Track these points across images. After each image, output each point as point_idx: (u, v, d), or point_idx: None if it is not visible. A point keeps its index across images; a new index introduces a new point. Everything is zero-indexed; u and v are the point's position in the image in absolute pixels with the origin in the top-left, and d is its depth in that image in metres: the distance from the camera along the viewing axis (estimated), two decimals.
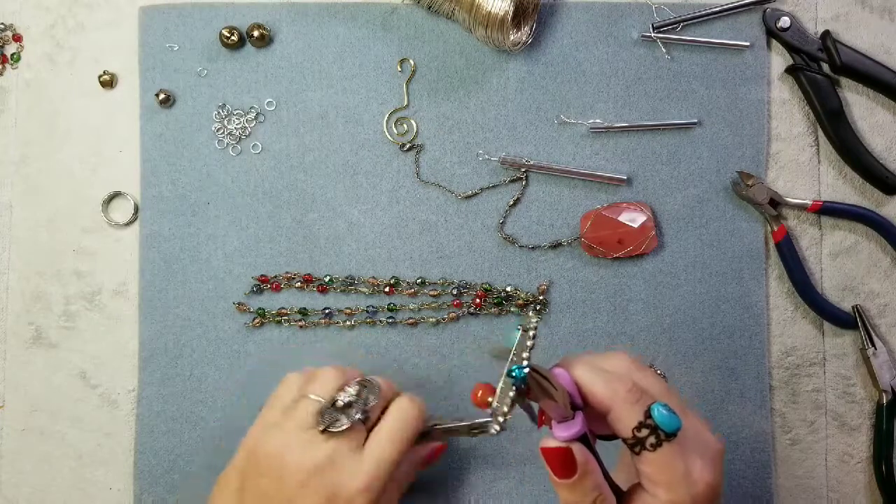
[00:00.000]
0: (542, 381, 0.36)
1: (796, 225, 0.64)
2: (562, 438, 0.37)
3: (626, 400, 0.37)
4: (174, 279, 0.63)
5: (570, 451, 0.36)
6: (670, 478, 0.36)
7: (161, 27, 0.64)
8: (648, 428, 0.36)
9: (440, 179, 0.64)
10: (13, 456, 0.64)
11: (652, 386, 0.39)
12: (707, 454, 0.38)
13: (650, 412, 0.36)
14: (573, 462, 0.36)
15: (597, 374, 0.38)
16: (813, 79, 0.62)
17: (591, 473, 0.37)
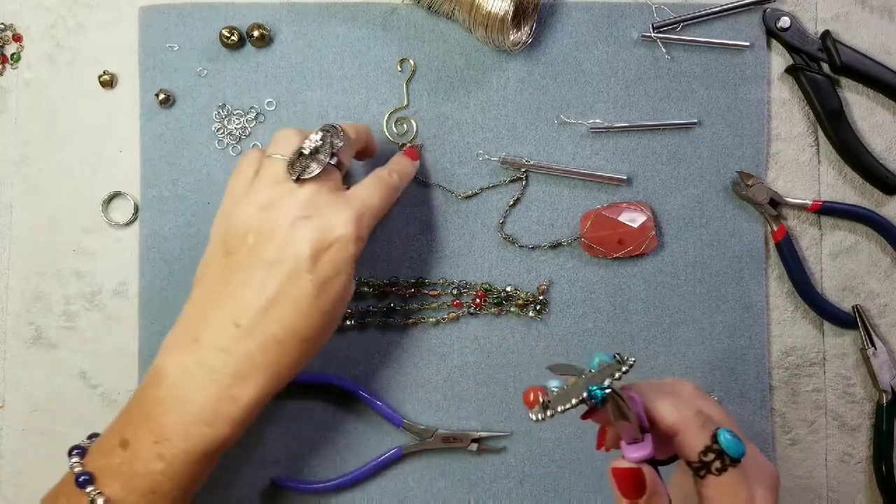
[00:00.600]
0: (620, 403, 0.36)
1: (796, 225, 0.64)
2: (633, 459, 0.37)
3: (693, 424, 0.37)
4: (174, 279, 0.63)
5: (642, 472, 0.37)
6: (733, 503, 0.36)
7: (161, 27, 0.64)
8: (715, 453, 0.36)
9: (440, 179, 0.64)
10: (13, 456, 0.64)
11: (714, 412, 0.40)
12: (766, 482, 0.38)
13: (716, 437, 0.37)
14: (643, 482, 0.37)
15: (665, 398, 0.39)
16: (813, 79, 0.62)
17: (659, 495, 0.37)
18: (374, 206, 0.52)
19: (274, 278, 0.48)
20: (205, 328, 0.48)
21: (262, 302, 0.47)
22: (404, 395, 0.63)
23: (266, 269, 0.48)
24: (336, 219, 0.49)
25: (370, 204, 0.52)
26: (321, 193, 0.49)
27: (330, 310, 0.49)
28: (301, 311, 0.48)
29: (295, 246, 0.48)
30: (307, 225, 0.48)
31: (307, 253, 0.48)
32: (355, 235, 0.49)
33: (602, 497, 0.62)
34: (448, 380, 0.63)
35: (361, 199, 0.51)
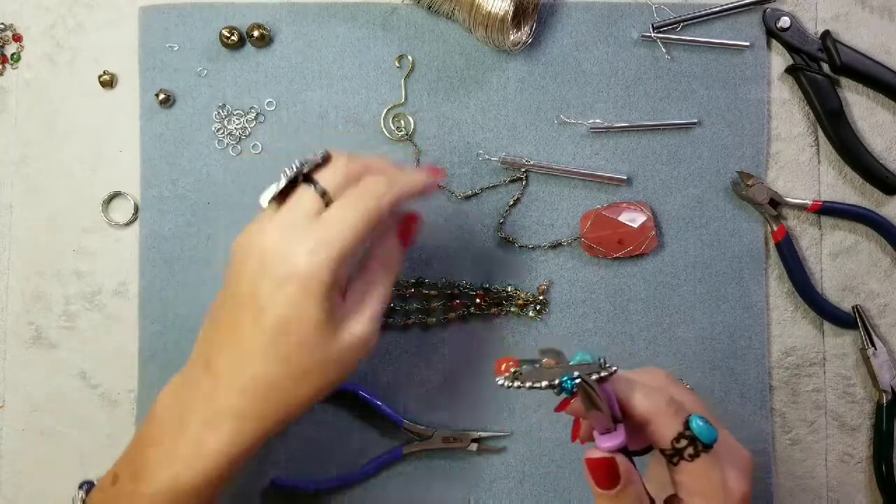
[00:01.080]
0: (590, 393, 0.36)
1: (796, 225, 0.64)
2: (606, 449, 0.37)
3: (665, 412, 0.38)
4: (174, 279, 0.63)
5: (615, 462, 0.37)
6: (708, 488, 0.37)
7: (161, 27, 0.64)
8: (687, 439, 0.37)
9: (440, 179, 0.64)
10: (13, 456, 0.64)
11: (686, 399, 0.40)
12: (739, 465, 0.39)
13: (688, 423, 0.37)
14: (617, 472, 0.37)
15: (636, 387, 0.39)
16: (813, 79, 0.62)
17: (634, 483, 0.37)
18: (345, 233, 0.42)
19: (230, 315, 0.43)
20: (189, 366, 0.46)
21: (220, 342, 0.44)
22: (404, 395, 0.63)
23: (226, 306, 0.44)
24: (295, 249, 0.41)
25: (341, 230, 0.42)
26: (288, 219, 0.43)
27: (291, 358, 0.42)
28: (254, 355, 0.42)
29: (247, 280, 0.42)
30: (264, 256, 0.42)
31: (259, 289, 0.42)
32: (315, 270, 0.41)
33: None
34: (448, 380, 0.63)
35: (331, 225, 0.42)
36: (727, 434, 0.40)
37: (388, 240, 0.48)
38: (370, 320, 0.44)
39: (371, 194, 0.43)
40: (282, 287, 0.41)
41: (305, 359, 0.42)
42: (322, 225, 0.42)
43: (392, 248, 0.48)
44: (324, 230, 0.42)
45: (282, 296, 0.41)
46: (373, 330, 0.45)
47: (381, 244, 0.47)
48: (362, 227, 0.42)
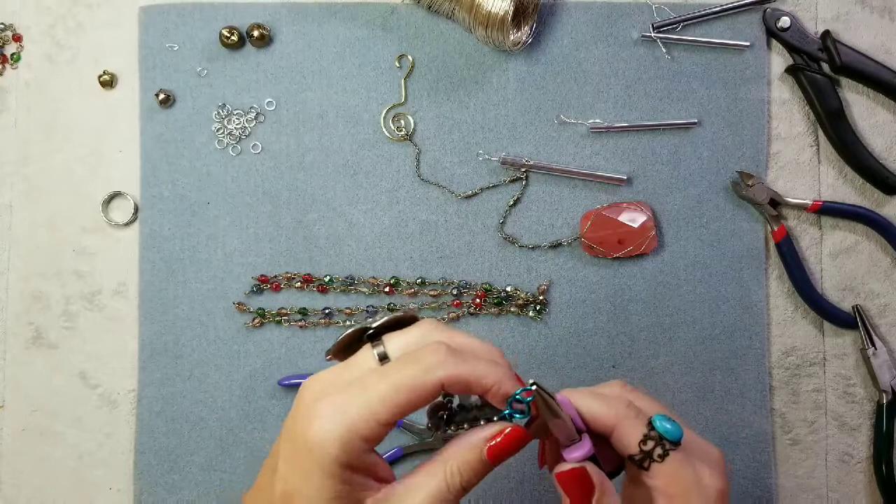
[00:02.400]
0: (547, 399, 0.36)
1: (796, 225, 0.64)
2: (574, 459, 0.37)
3: (626, 416, 0.37)
4: (174, 279, 0.63)
5: (586, 470, 0.37)
6: (684, 487, 0.36)
7: (161, 27, 0.64)
8: (654, 439, 0.36)
9: (440, 179, 0.64)
10: (13, 456, 0.64)
11: (646, 404, 0.40)
12: (711, 461, 0.38)
13: (652, 424, 0.37)
14: (590, 481, 0.36)
15: (595, 398, 0.38)
16: (813, 79, 0.62)
17: (609, 493, 0.37)
18: (371, 402, 0.34)
19: (272, 458, 0.38)
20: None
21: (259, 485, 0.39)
22: None
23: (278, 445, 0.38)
24: (320, 410, 0.35)
25: (368, 399, 0.35)
26: (337, 375, 0.37)
27: None
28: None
29: (285, 430, 0.37)
30: (298, 408, 0.36)
31: (282, 443, 0.37)
32: (323, 439, 0.34)
33: None
34: None
35: (361, 391, 0.35)
36: (694, 434, 0.39)
37: (465, 443, 0.37)
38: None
39: (420, 364, 0.35)
40: (293, 451, 0.35)
41: None
42: (354, 389, 0.35)
43: (469, 453, 0.37)
44: (351, 395, 0.35)
45: (290, 461, 0.35)
46: None
47: (458, 444, 0.37)
48: (393, 399, 0.34)
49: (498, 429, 0.36)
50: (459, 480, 0.36)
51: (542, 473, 0.62)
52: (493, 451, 0.36)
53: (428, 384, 0.34)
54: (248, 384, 0.63)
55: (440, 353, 0.35)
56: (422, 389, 0.34)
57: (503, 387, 0.36)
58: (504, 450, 0.36)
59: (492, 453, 0.36)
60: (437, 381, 0.34)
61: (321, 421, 0.34)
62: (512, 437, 0.36)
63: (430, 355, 0.35)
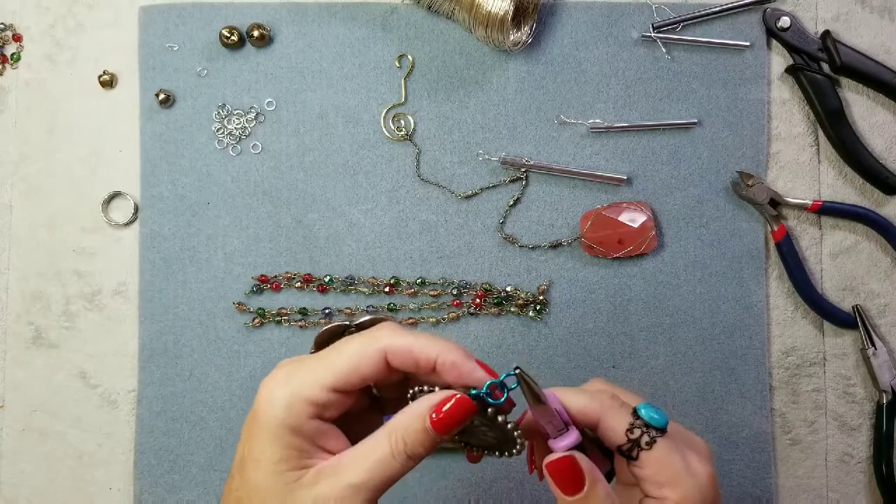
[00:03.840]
0: (532, 385, 0.36)
1: (796, 225, 0.64)
2: (562, 448, 0.37)
3: (611, 406, 0.38)
4: (174, 279, 0.63)
5: (574, 458, 0.36)
6: (673, 473, 0.36)
7: (161, 27, 0.64)
8: (640, 427, 0.37)
9: (440, 179, 0.64)
10: (13, 456, 0.64)
11: (629, 398, 0.40)
12: (697, 449, 0.38)
13: (637, 412, 0.37)
14: (579, 471, 0.36)
15: (579, 392, 0.39)
16: (813, 79, 0.62)
17: (600, 481, 0.36)
18: (318, 371, 0.36)
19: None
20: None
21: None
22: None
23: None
24: (273, 381, 0.37)
25: (315, 368, 0.36)
26: (305, 358, 0.38)
27: (243, 498, 0.37)
28: (227, 484, 0.39)
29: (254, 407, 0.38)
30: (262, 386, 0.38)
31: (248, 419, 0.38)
32: (272, 403, 0.36)
33: None
34: None
35: (313, 361, 0.37)
36: (679, 426, 0.40)
37: (410, 411, 0.37)
38: (347, 489, 0.35)
39: (366, 336, 0.37)
40: (248, 419, 0.37)
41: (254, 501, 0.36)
42: (306, 362, 0.37)
43: (414, 422, 0.36)
44: (301, 366, 0.37)
45: (245, 428, 0.37)
46: (342, 499, 0.35)
47: (405, 413, 0.37)
48: (337, 365, 0.36)
49: (442, 397, 0.36)
50: (404, 449, 0.35)
51: None
52: (438, 423, 0.35)
53: (370, 351, 0.36)
54: (248, 384, 0.63)
55: (386, 326, 0.37)
56: (364, 356, 0.36)
57: (448, 357, 0.36)
58: (449, 419, 0.35)
59: (435, 422, 0.35)
60: (380, 348, 0.36)
61: (270, 386, 0.36)
62: (456, 406, 0.36)
63: (376, 329, 0.37)
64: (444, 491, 0.62)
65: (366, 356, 0.36)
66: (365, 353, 0.36)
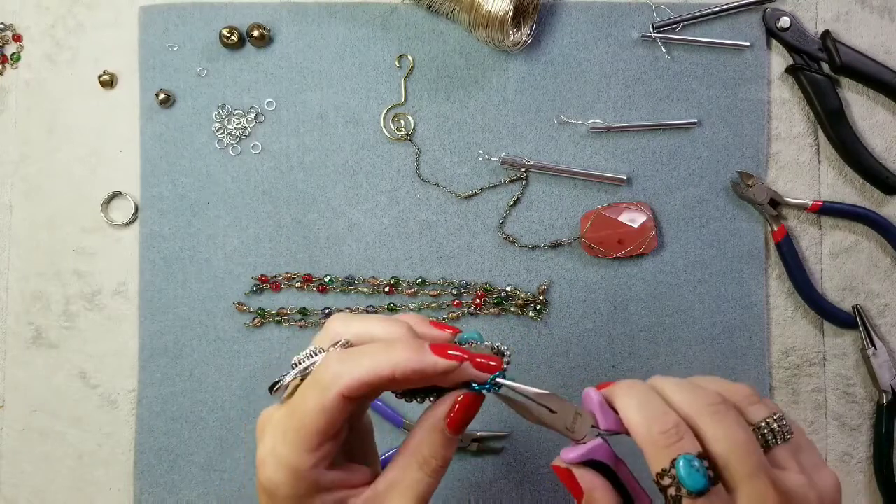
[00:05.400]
0: (513, 401, 0.35)
1: (796, 225, 0.64)
2: (565, 460, 0.36)
3: (656, 442, 0.33)
4: (174, 279, 0.63)
5: (571, 475, 0.35)
6: None
7: (161, 27, 0.64)
8: (671, 478, 0.32)
9: (440, 179, 0.64)
10: (13, 456, 0.64)
11: (717, 431, 0.33)
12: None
13: (675, 461, 0.32)
14: (577, 485, 0.35)
15: (638, 405, 0.34)
16: (813, 79, 0.62)
17: (598, 501, 0.35)
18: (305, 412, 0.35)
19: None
20: None
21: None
22: None
23: None
24: (261, 447, 0.36)
25: (300, 410, 0.35)
26: (268, 419, 0.38)
27: None
28: None
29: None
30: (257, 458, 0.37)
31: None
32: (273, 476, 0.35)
33: None
34: None
35: (289, 413, 0.36)
36: (766, 490, 0.32)
37: (425, 427, 0.37)
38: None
39: (317, 387, 0.35)
40: (261, 495, 0.37)
41: None
42: (279, 429, 0.35)
43: (434, 436, 0.36)
44: (277, 436, 0.35)
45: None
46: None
47: (419, 429, 0.37)
48: (308, 428, 0.34)
49: (451, 402, 0.36)
50: (435, 465, 0.36)
51: (542, 474, 0.62)
52: (453, 424, 0.36)
53: (330, 402, 0.34)
54: (248, 384, 0.63)
55: (330, 366, 0.34)
56: (327, 411, 0.34)
57: (404, 368, 0.34)
58: (462, 418, 0.36)
59: (452, 426, 0.36)
60: (337, 396, 0.34)
61: (266, 469, 0.35)
62: (465, 405, 0.36)
63: (322, 373, 0.35)
64: (444, 491, 0.62)
65: (327, 408, 0.34)
66: (325, 406, 0.34)
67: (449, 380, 0.36)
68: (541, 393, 0.36)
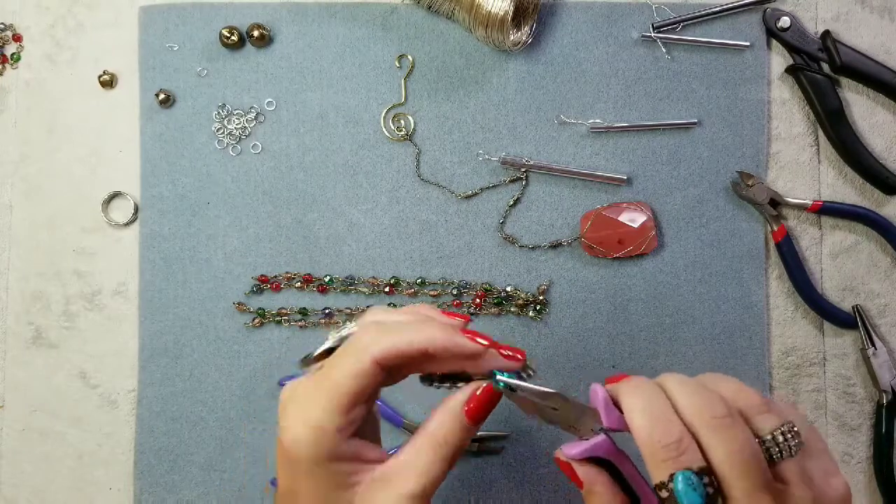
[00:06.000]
0: (517, 398, 0.35)
1: (796, 225, 0.64)
2: (567, 455, 0.36)
3: (657, 454, 0.32)
4: (174, 279, 0.63)
5: (570, 468, 0.36)
6: None
7: (161, 27, 0.64)
8: (668, 491, 0.32)
9: (440, 179, 0.64)
10: (13, 456, 0.64)
11: (721, 445, 0.32)
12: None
13: (674, 477, 0.32)
14: (577, 478, 0.36)
15: (643, 407, 0.34)
16: (813, 79, 0.62)
17: (598, 495, 0.35)
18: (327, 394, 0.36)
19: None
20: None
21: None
22: (404, 395, 0.63)
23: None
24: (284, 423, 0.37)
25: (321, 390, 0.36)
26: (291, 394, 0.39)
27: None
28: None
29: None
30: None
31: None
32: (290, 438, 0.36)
33: None
34: None
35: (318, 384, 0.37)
36: (801, 497, 0.32)
37: (444, 411, 0.38)
38: (404, 499, 0.36)
39: (351, 352, 0.36)
40: (280, 459, 0.38)
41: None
42: (310, 392, 0.37)
43: (451, 420, 0.37)
44: (308, 399, 0.36)
45: (282, 467, 0.38)
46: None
47: (438, 413, 0.38)
48: (341, 390, 0.36)
49: (471, 391, 0.37)
50: (448, 449, 0.37)
51: (542, 474, 0.62)
52: (472, 413, 0.37)
53: (364, 367, 0.36)
54: (248, 384, 0.63)
55: (366, 334, 0.37)
56: (359, 373, 0.36)
57: (437, 345, 0.36)
58: (481, 409, 0.37)
59: (470, 415, 0.37)
60: (371, 360, 0.35)
61: (290, 431, 0.36)
62: (485, 396, 0.37)
63: (357, 341, 0.37)
64: (444, 491, 0.62)
65: (361, 373, 0.36)
66: (360, 372, 0.36)
67: (476, 365, 0.37)
68: (546, 391, 0.36)
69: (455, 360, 0.37)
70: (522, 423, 0.62)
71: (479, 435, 0.62)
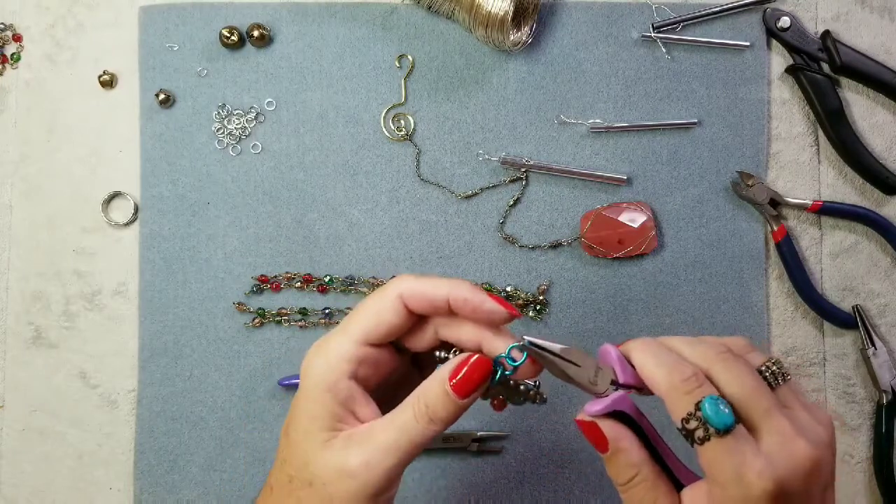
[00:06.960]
0: (544, 356, 0.36)
1: (796, 225, 0.64)
2: (589, 413, 0.37)
3: (678, 389, 0.35)
4: (174, 279, 0.63)
5: (596, 427, 0.36)
6: (719, 475, 0.34)
7: (161, 27, 0.64)
8: (697, 420, 0.34)
9: (440, 179, 0.64)
10: (13, 456, 0.64)
11: (731, 377, 0.35)
12: (782, 456, 0.34)
13: (700, 404, 0.34)
14: (602, 437, 0.36)
15: (655, 359, 0.36)
16: (813, 79, 0.62)
17: (625, 452, 0.36)
18: (339, 336, 0.39)
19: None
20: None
21: None
22: None
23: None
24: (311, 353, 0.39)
25: (336, 333, 0.39)
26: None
27: (286, 459, 0.39)
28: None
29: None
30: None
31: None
32: (310, 374, 0.38)
33: (602, 497, 0.62)
34: None
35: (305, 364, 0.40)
36: (784, 425, 0.34)
37: (432, 376, 0.38)
38: (374, 451, 0.36)
39: (381, 289, 0.39)
40: (297, 391, 0.39)
41: (296, 461, 0.38)
42: (337, 328, 0.39)
43: (437, 386, 0.37)
44: (332, 334, 0.39)
45: (293, 401, 0.39)
46: (367, 462, 0.36)
47: (428, 379, 0.38)
48: (359, 319, 0.38)
49: (460, 360, 0.37)
50: (426, 412, 0.37)
51: (542, 474, 0.62)
52: (458, 384, 0.37)
53: (387, 298, 0.38)
54: (248, 384, 0.63)
55: (401, 276, 0.39)
56: (383, 306, 0.38)
57: (458, 294, 0.37)
58: (468, 380, 0.37)
59: (455, 386, 0.37)
60: (395, 294, 0.38)
61: (309, 357, 0.38)
62: (474, 368, 0.37)
63: (392, 280, 0.39)
64: (444, 491, 0.62)
65: (385, 306, 0.38)
66: (384, 303, 0.38)
67: (494, 340, 0.38)
68: (564, 348, 0.37)
69: (476, 326, 0.38)
70: (522, 423, 0.62)
71: (479, 435, 0.62)
